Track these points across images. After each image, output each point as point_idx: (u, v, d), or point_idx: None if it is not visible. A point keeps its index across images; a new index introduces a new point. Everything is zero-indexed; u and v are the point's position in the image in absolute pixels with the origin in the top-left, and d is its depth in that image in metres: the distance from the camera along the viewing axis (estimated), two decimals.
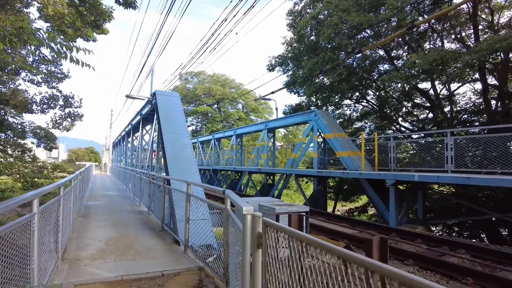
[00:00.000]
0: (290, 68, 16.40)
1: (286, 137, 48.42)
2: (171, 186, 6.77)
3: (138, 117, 13.11)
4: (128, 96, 10.44)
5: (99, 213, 9.07)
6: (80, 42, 10.66)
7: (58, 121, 12.55)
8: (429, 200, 11.71)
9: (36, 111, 11.51)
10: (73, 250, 5.32)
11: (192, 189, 5.48)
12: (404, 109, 19.75)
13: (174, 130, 8.11)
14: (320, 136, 12.26)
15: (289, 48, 16.25)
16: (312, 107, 17.63)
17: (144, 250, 5.56)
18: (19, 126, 12.23)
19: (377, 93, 18.57)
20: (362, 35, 15.18)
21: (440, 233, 12.63)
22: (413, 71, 12.22)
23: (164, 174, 10.36)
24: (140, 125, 13.08)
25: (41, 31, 4.51)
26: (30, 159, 12.32)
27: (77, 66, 4.99)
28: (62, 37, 10.42)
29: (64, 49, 4.73)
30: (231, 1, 12.24)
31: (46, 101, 11.56)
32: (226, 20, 13.40)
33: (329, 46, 12.93)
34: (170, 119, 8.38)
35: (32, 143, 13.08)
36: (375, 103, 18.00)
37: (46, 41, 4.35)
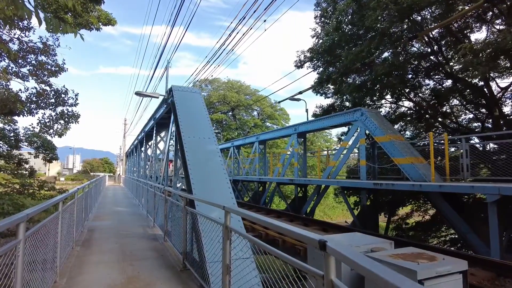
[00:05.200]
0: (320, 64, 14.45)
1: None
2: (196, 209, 4.89)
3: (152, 122, 11.44)
4: (138, 94, 8.75)
5: (104, 239, 7.27)
6: (82, 32, 9.01)
7: (48, 123, 10.76)
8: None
9: (24, 112, 9.73)
10: None
11: (231, 218, 3.59)
12: (446, 109, 17.52)
13: (197, 133, 6.28)
14: (367, 140, 10.21)
15: (320, 41, 14.34)
16: (344, 109, 15.59)
17: None
18: (12, 134, 10.49)
19: (416, 91, 16.41)
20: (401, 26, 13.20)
21: None
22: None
23: (184, 187, 8.54)
24: (154, 131, 11.39)
25: None
26: (26, 172, 10.68)
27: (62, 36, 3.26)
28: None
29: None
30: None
31: (35, 99, 9.78)
32: (244, 18, 12.04)
33: (372, 33, 10.97)
34: (191, 120, 6.59)
35: (29, 153, 11.38)
36: (418, 101, 15.81)
37: None
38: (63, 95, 10.85)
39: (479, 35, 49.16)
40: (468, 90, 15.35)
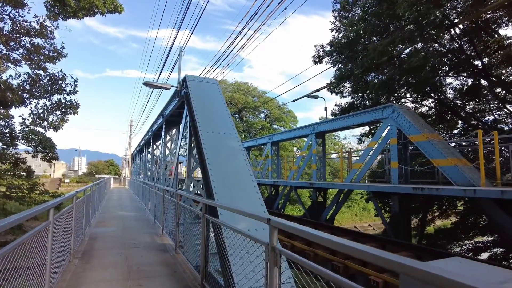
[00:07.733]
0: (340, 60, 13.46)
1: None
2: (220, 219, 3.95)
3: (160, 119, 10.57)
4: (147, 84, 7.89)
5: (107, 250, 6.37)
6: (85, 19, 7.94)
7: (42, 114, 9.50)
8: None
9: (15, 103, 8.63)
10: None
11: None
12: (469, 109, 16.45)
13: (216, 128, 5.37)
14: (398, 140, 9.20)
15: (340, 35, 13.41)
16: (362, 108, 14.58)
17: None
18: (7, 130, 9.25)
19: (440, 89, 15.38)
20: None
21: None
22: None
23: (198, 191, 7.63)
24: (163, 130, 10.51)
25: None
26: (24, 173, 9.77)
27: None
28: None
29: None
30: None
31: (28, 86, 8.68)
32: (256, 14, 11.46)
33: (401, 24, 10.02)
34: (209, 113, 5.68)
35: (27, 152, 10.35)
36: (442, 99, 14.78)
37: None
38: (60, 81, 9.42)
39: (504, 31, 48.14)
40: (496, 87, 14.34)
